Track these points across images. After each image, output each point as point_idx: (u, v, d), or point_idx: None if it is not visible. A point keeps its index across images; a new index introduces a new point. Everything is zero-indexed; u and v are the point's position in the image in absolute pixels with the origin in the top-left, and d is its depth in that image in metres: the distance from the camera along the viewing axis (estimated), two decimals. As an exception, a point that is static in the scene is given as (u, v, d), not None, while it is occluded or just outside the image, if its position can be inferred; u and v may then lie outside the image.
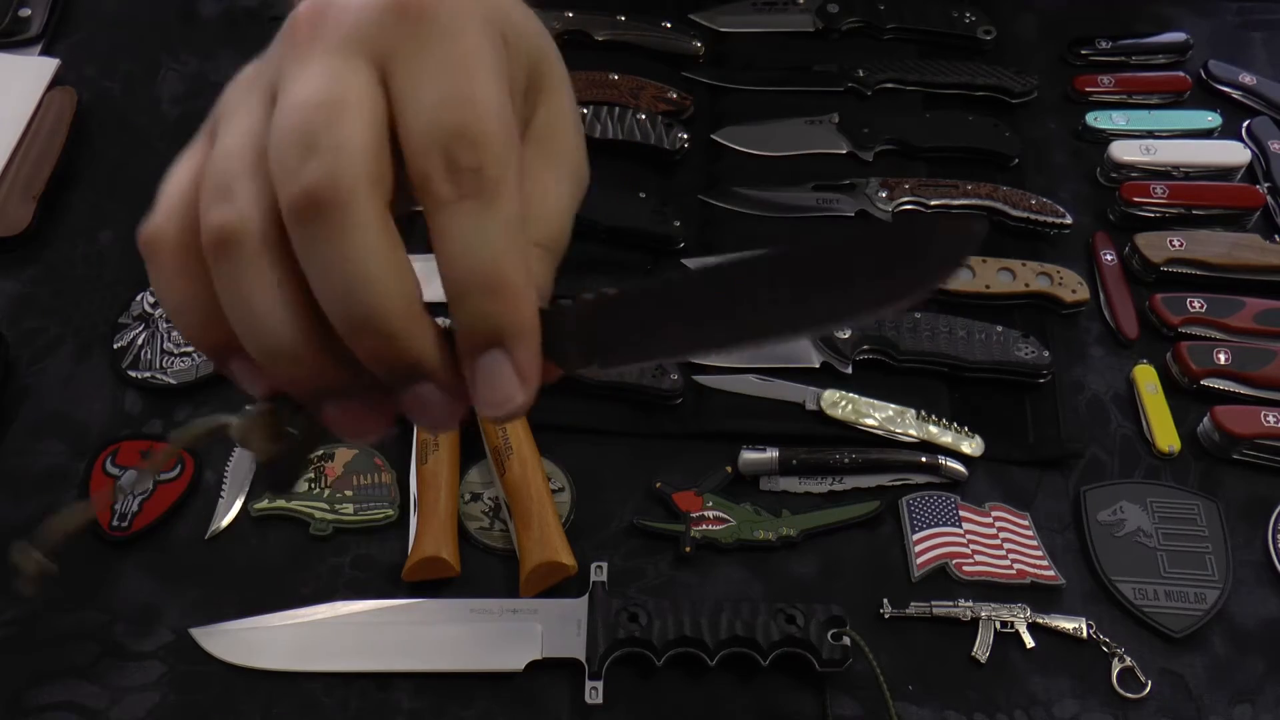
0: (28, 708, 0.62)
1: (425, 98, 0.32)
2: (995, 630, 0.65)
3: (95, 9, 0.96)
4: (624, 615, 0.63)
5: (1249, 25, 0.96)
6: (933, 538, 0.69)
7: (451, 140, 0.31)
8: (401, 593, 0.66)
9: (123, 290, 0.79)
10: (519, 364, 0.33)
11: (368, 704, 0.63)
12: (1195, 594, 0.67)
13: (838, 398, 0.73)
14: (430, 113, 0.31)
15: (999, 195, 0.81)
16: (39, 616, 0.65)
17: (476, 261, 0.32)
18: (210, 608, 0.66)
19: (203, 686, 0.63)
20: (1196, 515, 0.70)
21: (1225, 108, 0.89)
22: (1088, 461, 0.72)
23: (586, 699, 0.62)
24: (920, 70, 0.89)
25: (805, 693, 0.63)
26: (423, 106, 0.31)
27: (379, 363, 0.33)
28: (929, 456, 0.71)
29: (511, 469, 0.67)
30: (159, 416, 0.73)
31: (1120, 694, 0.64)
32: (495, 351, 0.33)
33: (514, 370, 0.33)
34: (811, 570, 0.68)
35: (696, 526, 0.68)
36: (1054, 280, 0.78)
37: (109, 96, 0.90)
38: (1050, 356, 0.74)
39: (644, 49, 0.90)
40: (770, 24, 0.93)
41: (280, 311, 0.32)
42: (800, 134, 0.87)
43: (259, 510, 0.69)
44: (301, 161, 0.30)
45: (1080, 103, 0.90)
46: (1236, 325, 0.76)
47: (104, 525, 0.68)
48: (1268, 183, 0.84)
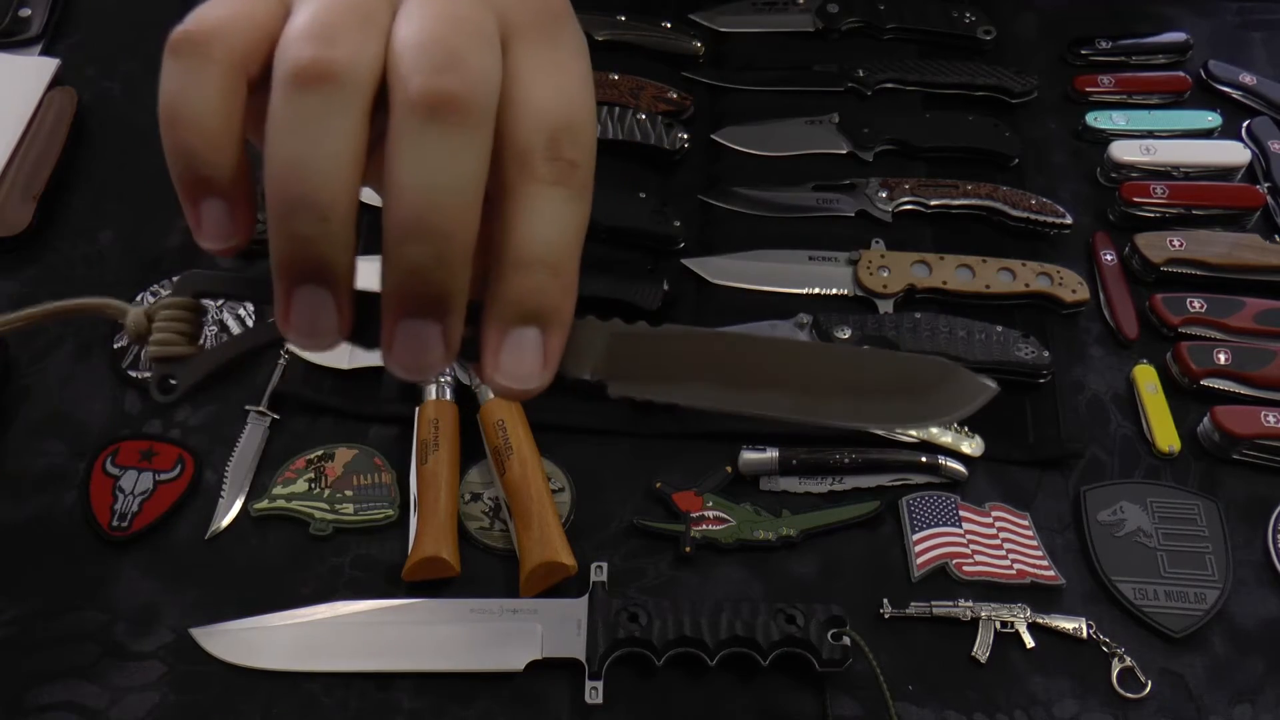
0: (28, 708, 0.62)
1: (545, 83, 0.34)
2: (995, 630, 0.65)
3: (95, 9, 0.96)
4: (624, 615, 0.63)
5: (1249, 25, 0.96)
6: (933, 538, 0.69)
7: (561, 129, 0.33)
8: (401, 593, 0.66)
9: (123, 290, 0.79)
10: (548, 346, 0.34)
11: (368, 704, 0.63)
12: (1195, 594, 0.67)
13: (838, 398, 0.73)
14: (548, 98, 0.34)
15: (999, 195, 0.81)
16: (39, 616, 0.65)
17: (551, 240, 0.33)
18: (210, 608, 0.66)
19: (203, 686, 0.63)
20: (1196, 515, 0.70)
21: (1225, 108, 0.89)
22: (1088, 461, 0.72)
23: (586, 699, 0.62)
24: (920, 70, 0.89)
25: (805, 693, 0.63)
26: (542, 90, 0.34)
27: (416, 272, 0.32)
28: (929, 456, 0.71)
29: (511, 469, 0.67)
30: (159, 416, 0.73)
31: (1120, 694, 0.64)
32: (531, 329, 0.34)
33: (541, 351, 0.34)
34: (811, 570, 0.68)
35: (696, 526, 0.68)
36: (1054, 280, 0.78)
37: (109, 96, 0.90)
38: (1050, 356, 0.74)
39: (644, 49, 0.90)
40: (770, 24, 0.93)
41: (344, 162, 0.32)
42: (800, 134, 0.87)
43: (259, 510, 0.69)
44: (442, 69, 0.31)
45: (1080, 103, 0.90)
46: (1236, 325, 0.76)
47: (104, 525, 0.68)
48: (1268, 183, 0.84)
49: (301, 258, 0.33)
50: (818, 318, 0.75)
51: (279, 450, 0.72)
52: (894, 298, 0.78)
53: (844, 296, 0.78)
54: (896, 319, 0.76)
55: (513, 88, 0.33)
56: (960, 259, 0.78)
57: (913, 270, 0.78)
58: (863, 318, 0.76)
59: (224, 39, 0.33)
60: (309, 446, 0.72)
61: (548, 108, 0.33)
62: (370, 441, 0.72)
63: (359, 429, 0.73)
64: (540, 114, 0.33)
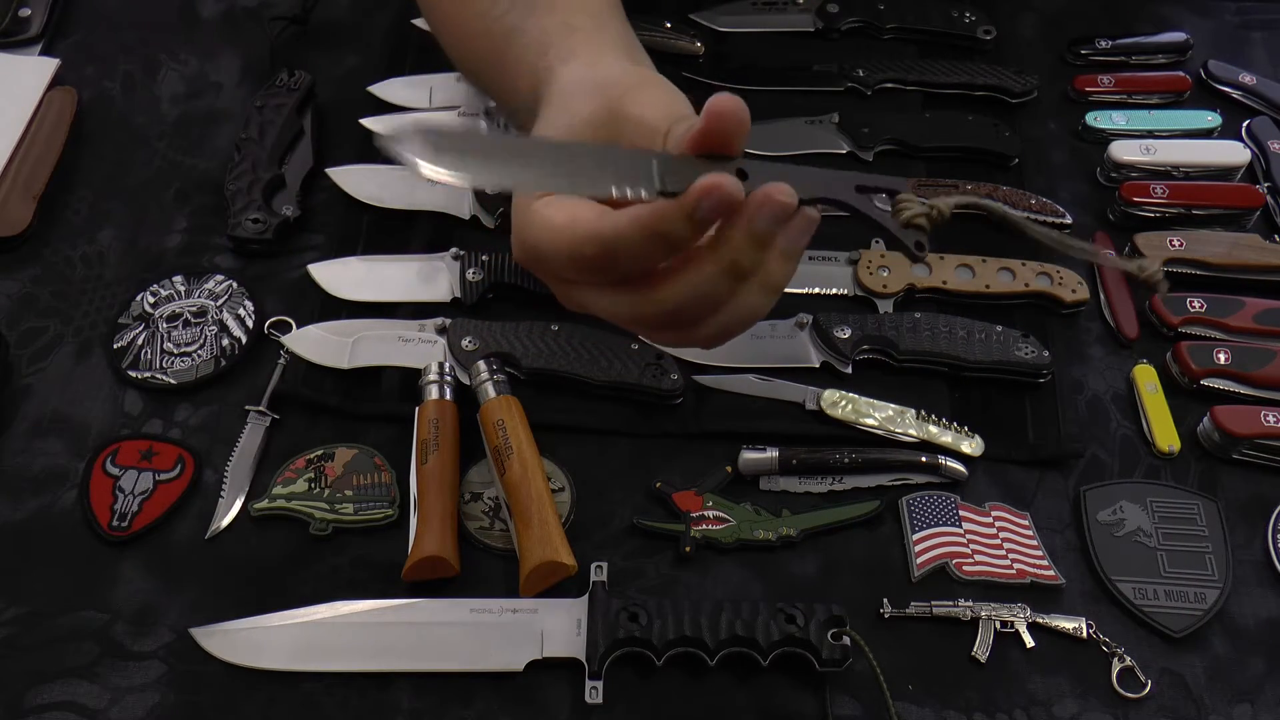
0: (28, 708, 0.62)
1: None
2: (995, 630, 0.65)
3: (95, 9, 0.96)
4: (624, 615, 0.63)
5: (1249, 25, 0.96)
6: (933, 537, 0.69)
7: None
8: (401, 593, 0.66)
9: (123, 290, 0.79)
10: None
11: (368, 704, 0.63)
12: (1195, 594, 0.67)
13: (838, 397, 0.73)
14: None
15: (999, 195, 0.81)
16: (39, 616, 0.66)
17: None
18: (210, 608, 0.66)
19: (203, 686, 0.63)
20: (1196, 515, 0.70)
21: (1225, 108, 0.89)
22: (1088, 461, 0.72)
23: (586, 699, 0.62)
24: (920, 70, 0.89)
25: (805, 693, 0.63)
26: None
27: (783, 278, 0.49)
28: (929, 456, 0.71)
29: (511, 469, 0.67)
30: (159, 416, 0.73)
31: (1120, 694, 0.64)
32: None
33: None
34: (811, 570, 0.68)
35: (696, 526, 0.68)
36: (1054, 280, 0.78)
37: (109, 96, 0.90)
38: (1050, 356, 0.74)
39: (644, 49, 0.90)
40: (770, 24, 0.93)
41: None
42: (800, 134, 0.87)
43: (259, 510, 0.69)
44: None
45: (1080, 103, 0.90)
46: (1236, 325, 0.76)
47: (104, 525, 0.68)
48: (1268, 183, 0.84)
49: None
50: (818, 317, 0.75)
51: (279, 450, 0.72)
52: (894, 297, 0.78)
53: (844, 296, 0.78)
54: (896, 318, 0.76)
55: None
56: (960, 259, 0.78)
57: (913, 270, 0.78)
58: (863, 317, 0.76)
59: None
60: (309, 446, 0.72)
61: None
62: (370, 441, 0.72)
63: (359, 429, 0.73)
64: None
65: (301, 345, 0.74)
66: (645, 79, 0.51)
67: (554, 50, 0.57)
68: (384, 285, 0.78)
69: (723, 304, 0.49)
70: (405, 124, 0.50)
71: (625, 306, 0.50)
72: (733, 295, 0.48)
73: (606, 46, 0.58)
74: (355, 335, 0.74)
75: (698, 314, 0.49)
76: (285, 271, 0.80)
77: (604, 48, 0.57)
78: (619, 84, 0.50)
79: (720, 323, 0.50)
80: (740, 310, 0.49)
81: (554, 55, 0.57)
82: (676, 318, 0.49)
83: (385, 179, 0.82)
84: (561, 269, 0.50)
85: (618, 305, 0.50)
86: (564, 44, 0.57)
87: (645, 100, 0.49)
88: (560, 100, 0.53)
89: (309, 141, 0.85)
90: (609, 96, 0.50)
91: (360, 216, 0.82)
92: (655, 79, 0.53)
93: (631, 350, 0.73)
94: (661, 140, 0.48)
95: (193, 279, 0.79)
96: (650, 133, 0.48)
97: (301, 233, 0.82)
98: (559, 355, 0.73)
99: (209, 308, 0.78)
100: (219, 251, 0.81)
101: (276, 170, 0.82)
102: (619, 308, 0.50)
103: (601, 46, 0.57)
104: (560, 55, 0.57)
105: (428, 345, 0.74)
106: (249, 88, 0.90)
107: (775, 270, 0.48)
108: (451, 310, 0.77)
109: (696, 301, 0.48)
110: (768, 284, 0.49)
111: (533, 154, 0.46)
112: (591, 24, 0.59)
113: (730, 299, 0.49)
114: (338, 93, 0.89)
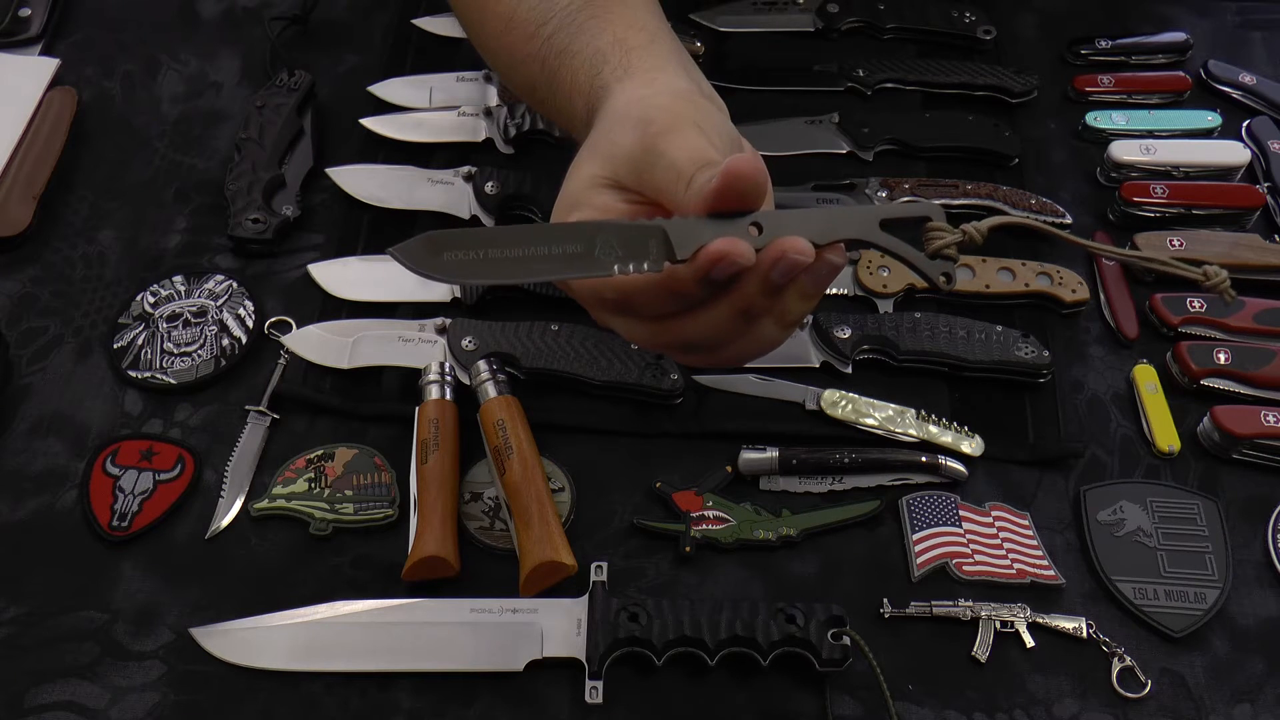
0: (28, 708, 0.62)
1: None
2: (995, 630, 0.65)
3: (95, 9, 0.96)
4: (624, 615, 0.63)
5: (1249, 25, 0.96)
6: (933, 537, 0.69)
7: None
8: (401, 593, 0.66)
9: (123, 290, 0.79)
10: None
11: (368, 704, 0.63)
12: (1195, 594, 0.67)
13: (838, 397, 0.73)
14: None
15: (999, 195, 0.81)
16: (39, 616, 0.66)
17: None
18: (210, 608, 0.66)
19: (203, 686, 0.63)
20: (1196, 515, 0.70)
21: (1225, 108, 0.89)
22: (1088, 461, 0.72)
23: (586, 699, 0.62)
24: (920, 70, 0.89)
25: (805, 693, 0.63)
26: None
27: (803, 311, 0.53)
28: (929, 456, 0.71)
29: (511, 469, 0.67)
30: (159, 416, 0.73)
31: (1120, 694, 0.64)
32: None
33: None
34: (811, 570, 0.68)
35: (696, 526, 0.68)
36: (1054, 280, 0.78)
37: (109, 96, 0.90)
38: (1050, 356, 0.74)
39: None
40: (770, 24, 0.93)
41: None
42: (800, 134, 0.87)
43: (259, 510, 0.69)
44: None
45: (1080, 102, 0.90)
46: (1236, 325, 0.76)
47: (104, 525, 0.68)
48: (1268, 183, 0.84)
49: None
50: (818, 317, 0.75)
51: (279, 450, 0.72)
52: (894, 297, 0.78)
53: (844, 296, 0.78)
54: (896, 318, 0.76)
55: None
56: (960, 258, 0.78)
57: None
58: (863, 317, 0.76)
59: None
60: (309, 446, 0.72)
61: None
62: (370, 441, 0.72)
63: (359, 429, 0.73)
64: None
65: (301, 345, 0.74)
66: (683, 116, 0.53)
67: (609, 68, 0.58)
68: (384, 285, 0.78)
69: (740, 338, 0.52)
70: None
71: (645, 335, 0.54)
72: (750, 330, 0.52)
73: (661, 61, 0.59)
74: (355, 335, 0.74)
75: (714, 346, 0.53)
76: (285, 271, 0.80)
77: (659, 62, 0.58)
78: (657, 122, 0.52)
79: (736, 351, 0.54)
80: (757, 342, 0.53)
81: (609, 73, 0.58)
82: (694, 347, 0.54)
83: (385, 179, 0.82)
84: (583, 300, 0.54)
85: (638, 332, 0.54)
86: (620, 62, 0.58)
87: (678, 143, 0.51)
88: (608, 123, 0.55)
89: (309, 141, 0.85)
90: (648, 134, 0.52)
91: (360, 216, 0.82)
92: (698, 110, 0.54)
93: (631, 350, 0.73)
94: (684, 186, 0.50)
95: (193, 279, 0.79)
96: (677, 176, 0.50)
97: (301, 233, 0.82)
98: (559, 355, 0.73)
99: (209, 308, 0.78)
100: (219, 251, 0.81)
101: (276, 170, 0.82)
102: (639, 334, 0.54)
103: (656, 61, 0.58)
104: (616, 73, 0.58)
105: (428, 345, 0.74)
106: (249, 88, 0.90)
107: (794, 308, 0.52)
108: (451, 310, 0.77)
109: (713, 337, 0.52)
110: (784, 320, 0.52)
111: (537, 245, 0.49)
112: (645, 39, 0.59)
113: (747, 333, 0.52)
114: (338, 93, 0.89)
